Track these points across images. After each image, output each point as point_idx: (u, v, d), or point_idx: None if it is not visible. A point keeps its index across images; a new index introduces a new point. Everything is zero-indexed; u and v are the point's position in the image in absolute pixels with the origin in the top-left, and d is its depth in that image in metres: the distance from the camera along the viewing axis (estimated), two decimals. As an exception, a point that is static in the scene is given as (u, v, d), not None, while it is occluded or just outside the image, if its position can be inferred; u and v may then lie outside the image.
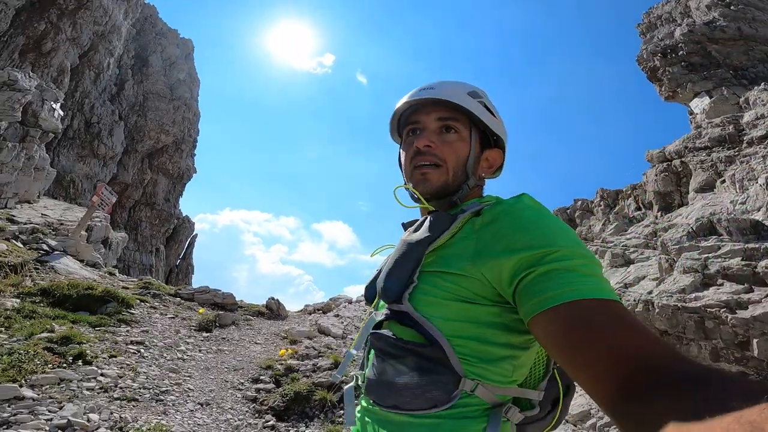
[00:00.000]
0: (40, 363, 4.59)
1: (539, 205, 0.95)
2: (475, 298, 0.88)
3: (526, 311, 0.78)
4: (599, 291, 0.73)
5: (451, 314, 0.89)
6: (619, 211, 14.89)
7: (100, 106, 33.38)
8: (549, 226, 0.85)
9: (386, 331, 0.97)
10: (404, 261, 0.97)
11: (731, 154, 10.60)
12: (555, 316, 0.72)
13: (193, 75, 44.86)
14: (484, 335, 0.88)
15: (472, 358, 0.88)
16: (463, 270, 0.89)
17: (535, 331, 0.76)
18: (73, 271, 9.08)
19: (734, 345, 5.57)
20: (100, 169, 32.55)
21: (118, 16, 32.81)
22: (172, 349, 6.31)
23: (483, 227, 0.92)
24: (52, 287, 7.31)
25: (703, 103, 16.50)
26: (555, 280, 0.75)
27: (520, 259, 0.81)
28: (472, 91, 1.13)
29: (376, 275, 1.19)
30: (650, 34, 20.96)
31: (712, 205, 9.10)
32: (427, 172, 1.08)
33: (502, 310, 0.88)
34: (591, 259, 0.81)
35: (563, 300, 0.72)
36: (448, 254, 0.93)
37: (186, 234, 42.52)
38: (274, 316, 9.67)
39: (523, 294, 0.79)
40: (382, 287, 0.98)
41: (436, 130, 1.11)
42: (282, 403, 5.22)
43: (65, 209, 15.90)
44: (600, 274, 0.79)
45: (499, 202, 0.96)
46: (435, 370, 0.88)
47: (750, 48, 16.54)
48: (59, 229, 12.24)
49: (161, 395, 4.74)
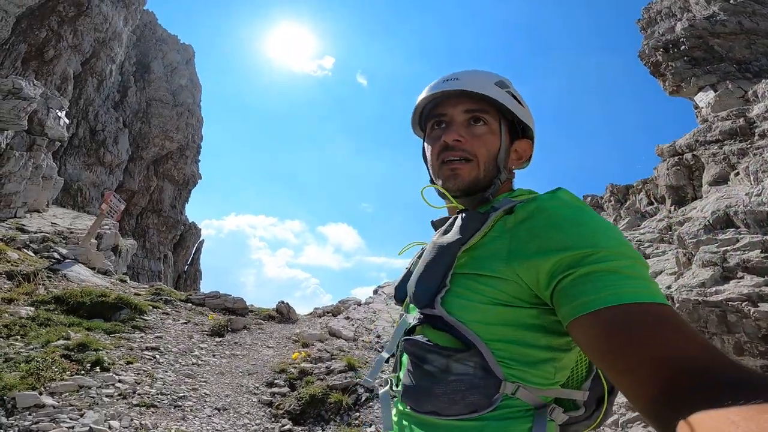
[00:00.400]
0: (58, 370, 4.64)
1: (578, 201, 0.91)
2: (511, 300, 0.85)
3: (565, 314, 0.75)
4: (645, 294, 0.70)
5: (487, 318, 0.86)
6: (631, 206, 14.81)
7: (104, 114, 33.59)
8: (589, 224, 0.82)
9: (420, 336, 0.93)
10: (436, 264, 0.94)
11: (743, 147, 10.53)
12: (596, 320, 0.70)
13: (195, 80, 45.06)
14: (524, 338, 0.86)
15: (512, 361, 0.86)
16: (497, 272, 0.86)
17: (574, 334, 0.74)
18: (86, 279, 9.15)
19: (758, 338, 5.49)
20: (106, 176, 32.75)
21: (118, 22, 33.02)
22: (186, 355, 6.35)
23: (516, 225, 0.89)
24: (66, 295, 7.37)
25: (708, 97, 16.44)
26: (596, 282, 0.72)
27: (559, 260, 0.78)
28: (499, 80, 1.09)
29: (405, 275, 1.17)
30: (651, 30, 20.91)
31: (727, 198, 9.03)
32: (457, 167, 1.04)
33: (541, 312, 0.85)
34: (637, 259, 0.77)
35: (606, 304, 0.70)
36: (481, 255, 0.91)
37: (193, 240, 42.71)
38: (284, 319, 9.71)
39: (562, 296, 0.76)
40: (413, 292, 0.96)
41: (464, 122, 1.07)
42: (297, 406, 5.23)
43: (74, 218, 16.01)
44: (647, 276, 0.76)
45: (533, 198, 0.92)
46: (474, 375, 0.85)
47: (752, 42, 16.47)
48: (69, 237, 12.33)
49: (179, 401, 4.77)
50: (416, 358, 0.92)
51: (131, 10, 35.10)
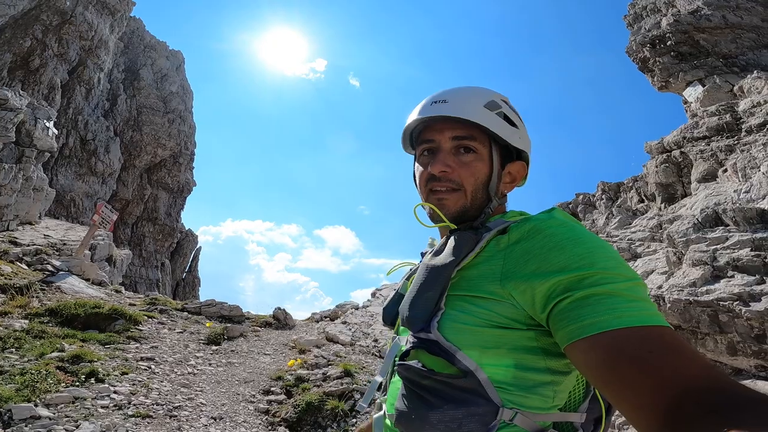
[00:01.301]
0: (53, 382, 4.64)
1: (573, 222, 0.89)
2: (507, 322, 0.83)
3: (563, 337, 0.74)
4: (645, 317, 0.69)
5: (483, 341, 0.84)
6: (622, 204, 14.87)
7: (94, 123, 33.46)
8: (585, 244, 0.80)
9: (415, 362, 0.90)
10: (429, 287, 0.91)
11: (731, 143, 10.58)
12: (595, 344, 0.69)
13: (186, 87, 44.95)
14: (521, 361, 0.83)
15: (510, 386, 0.83)
16: (491, 293, 0.84)
17: (572, 358, 0.73)
18: (80, 291, 9.11)
19: (751, 338, 5.48)
20: (99, 186, 32.61)
21: (104, 30, 32.92)
22: (182, 364, 6.34)
23: (510, 246, 0.87)
24: (60, 307, 7.35)
25: (696, 91, 16.58)
26: (595, 305, 0.71)
27: (556, 282, 0.76)
28: (489, 101, 1.03)
29: (394, 297, 1.15)
30: (637, 25, 21.04)
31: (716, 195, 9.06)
32: (443, 197, 1.02)
33: (539, 334, 0.83)
34: (635, 280, 0.75)
35: (606, 328, 0.69)
36: (473, 275, 0.89)
37: (190, 247, 42.63)
38: (281, 326, 9.71)
39: (559, 319, 0.75)
40: (407, 316, 0.93)
41: (452, 150, 1.03)
42: (294, 414, 5.24)
43: (67, 229, 15.93)
44: (646, 297, 0.74)
45: (528, 219, 0.91)
46: (470, 402, 0.82)
47: (737, 36, 16.61)
48: (62, 249, 12.28)
49: (175, 411, 4.77)
50: (411, 383, 0.90)
51: (117, 18, 35.00)
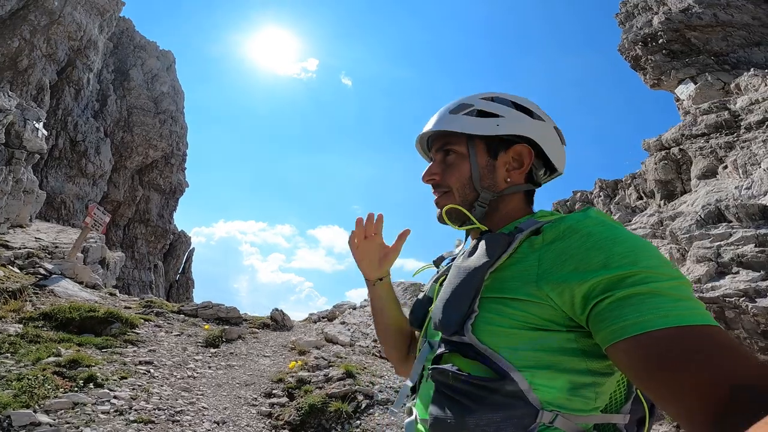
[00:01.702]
0: (51, 387, 4.56)
1: (611, 221, 0.87)
2: (545, 324, 0.82)
3: (604, 338, 0.72)
4: (692, 316, 0.67)
5: (520, 344, 0.82)
6: (620, 201, 14.93)
7: (84, 124, 33.05)
8: (626, 243, 0.77)
9: (449, 365, 0.89)
10: (462, 289, 0.90)
11: (730, 140, 10.63)
12: (639, 344, 0.67)
13: (177, 87, 44.55)
14: (561, 363, 0.81)
15: (549, 388, 0.81)
16: (527, 295, 0.83)
17: (614, 358, 0.72)
18: (73, 294, 8.97)
19: (757, 334, 5.48)
20: (90, 188, 32.23)
21: (92, 30, 32.55)
22: (181, 368, 6.26)
23: (545, 246, 0.86)
24: (54, 311, 7.22)
25: (688, 89, 16.71)
26: (638, 305, 0.70)
27: (596, 283, 0.74)
28: (457, 105, 1.09)
29: (423, 299, 1.16)
30: (629, 24, 21.16)
31: (717, 192, 9.09)
32: (437, 201, 1.11)
33: (578, 336, 0.81)
34: (681, 279, 0.74)
35: (651, 327, 0.67)
36: (507, 277, 0.88)
37: (183, 249, 42.30)
38: (279, 327, 9.63)
39: (600, 319, 0.73)
40: (440, 319, 0.91)
41: (441, 159, 1.12)
42: (297, 417, 5.18)
43: (59, 232, 15.71)
44: (691, 296, 0.72)
45: (563, 219, 0.89)
46: (509, 405, 0.80)
47: (728, 34, 16.75)
48: (54, 252, 12.10)
49: (176, 415, 4.70)
50: (446, 388, 0.88)
51: (106, 18, 34.62)
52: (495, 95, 1.10)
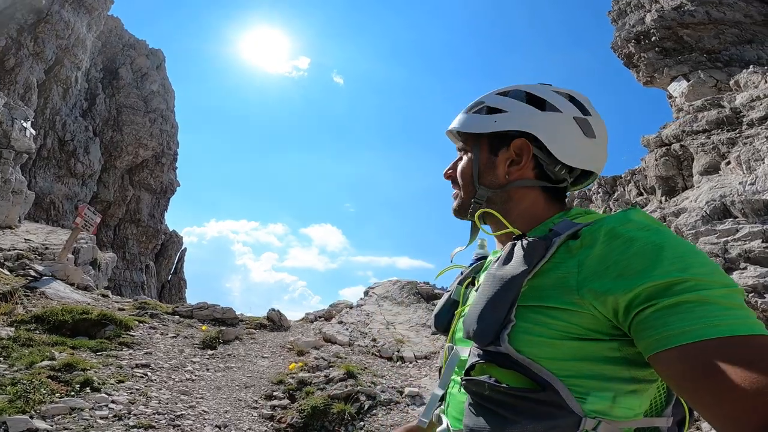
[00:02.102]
0: (47, 392, 4.46)
1: (655, 223, 0.83)
2: (587, 333, 0.79)
3: (647, 346, 0.70)
4: (746, 326, 0.65)
5: (561, 354, 0.80)
6: (620, 198, 14.99)
7: (73, 123, 32.60)
8: (673, 249, 0.74)
9: (486, 377, 0.85)
10: (499, 298, 0.86)
11: (733, 136, 10.67)
12: (685, 354, 0.65)
13: (167, 86, 44.07)
14: (604, 372, 0.79)
15: (592, 396, 0.79)
16: (567, 304, 0.79)
17: (657, 368, 0.70)
18: (65, 296, 8.79)
19: None
20: (79, 188, 31.81)
21: (80, 28, 32.13)
22: (179, 370, 6.14)
23: (583, 251, 0.81)
24: (46, 313, 7.06)
25: (681, 86, 16.81)
26: (686, 314, 0.67)
27: (641, 290, 0.71)
28: (470, 105, 1.12)
29: (448, 302, 1.14)
30: (621, 21, 21.25)
31: (720, 187, 9.11)
32: (453, 197, 1.15)
33: (622, 344, 0.78)
34: (733, 287, 0.70)
35: (699, 337, 0.64)
36: (544, 284, 0.84)
37: (175, 249, 41.93)
38: (276, 327, 9.51)
39: (642, 328, 0.70)
40: (474, 329, 0.87)
41: (460, 156, 1.16)
42: (300, 419, 5.10)
43: (48, 233, 15.43)
44: (744, 305, 0.69)
45: (602, 221, 0.84)
46: (551, 415, 0.78)
47: (720, 31, 16.86)
48: (45, 253, 11.87)
49: (177, 420, 4.60)
50: (482, 399, 0.85)
51: (95, 16, 34.18)
52: (513, 88, 1.08)
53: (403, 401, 5.81)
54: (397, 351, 8.05)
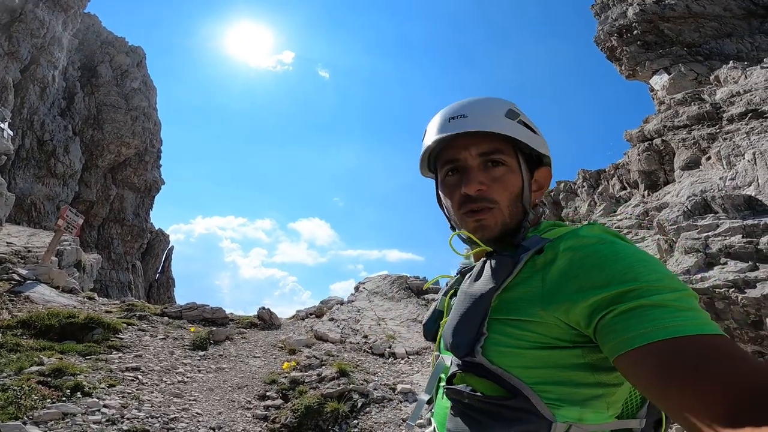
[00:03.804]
0: (38, 398, 4.41)
1: (613, 236, 0.88)
2: (553, 342, 0.83)
3: (611, 350, 0.73)
4: (696, 326, 0.68)
5: (530, 362, 0.84)
6: (604, 192, 15.21)
7: (51, 122, 31.94)
8: (626, 260, 0.78)
9: (463, 386, 0.90)
10: (471, 314, 0.91)
11: (713, 132, 10.89)
12: (644, 355, 0.68)
13: (149, 83, 43.39)
14: (571, 378, 0.83)
15: (561, 402, 0.83)
16: (534, 315, 0.84)
17: (622, 370, 0.72)
18: (50, 300, 8.65)
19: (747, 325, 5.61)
20: (60, 188, 31.20)
21: (56, 27, 31.51)
22: (170, 372, 6.09)
23: (547, 266, 0.86)
24: (32, 318, 6.95)
25: (662, 80, 17.06)
26: (640, 317, 0.70)
27: (600, 299, 0.75)
28: (509, 110, 1.01)
29: (434, 313, 1.18)
30: (604, 15, 21.45)
31: (701, 182, 9.32)
32: (482, 218, 0.98)
33: (585, 351, 0.83)
34: (684, 291, 0.74)
35: (654, 338, 0.67)
36: (513, 298, 0.88)
37: (162, 247, 41.50)
38: (267, 326, 9.48)
39: (605, 333, 0.74)
40: (451, 343, 0.93)
41: (480, 166, 1.00)
42: (294, 419, 5.10)
43: (30, 235, 15.13)
44: (696, 307, 0.73)
45: (563, 237, 0.88)
46: (522, 420, 0.82)
47: (700, 25, 17.12)
48: (27, 256, 11.65)
49: (170, 423, 4.57)
50: (462, 406, 0.91)
51: (70, 14, 33.50)
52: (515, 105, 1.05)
53: (395, 398, 5.85)
54: (388, 347, 8.09)
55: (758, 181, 7.61)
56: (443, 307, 1.13)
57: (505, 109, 1.01)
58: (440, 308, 1.15)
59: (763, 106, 9.69)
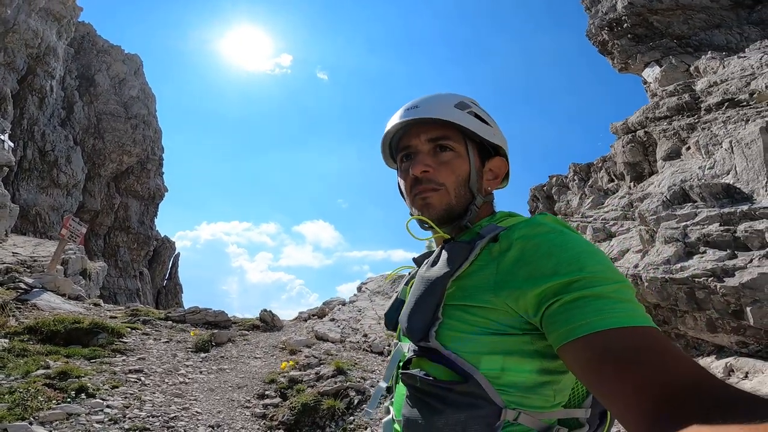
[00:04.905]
0: (44, 399, 4.58)
1: (562, 226, 0.92)
2: (503, 329, 0.86)
3: (554, 340, 0.76)
4: (631, 318, 0.71)
5: (481, 348, 0.87)
6: (593, 184, 15.24)
7: (52, 132, 32.19)
8: (573, 249, 0.82)
9: (417, 370, 0.93)
10: (426, 298, 0.94)
11: (692, 122, 10.93)
12: (584, 346, 0.71)
13: (147, 91, 43.59)
14: (519, 365, 0.86)
15: (510, 388, 0.86)
16: (486, 302, 0.87)
17: (564, 359, 0.76)
18: (57, 306, 8.87)
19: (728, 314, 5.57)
20: (64, 199, 31.48)
21: (50, 36, 31.72)
22: (172, 374, 6.29)
23: (501, 254, 0.89)
24: (39, 324, 7.15)
25: (654, 72, 17.10)
26: (584, 308, 0.73)
27: (546, 288, 0.79)
28: (459, 102, 1.07)
29: (395, 303, 1.19)
30: (595, 9, 21.49)
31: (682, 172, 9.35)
32: (427, 197, 1.04)
33: (534, 338, 0.85)
34: (622, 283, 0.78)
35: (593, 329, 0.71)
36: (468, 285, 0.91)
37: (168, 254, 41.80)
38: (269, 327, 9.67)
39: (550, 323, 0.77)
40: (406, 327, 0.96)
41: (430, 151, 1.06)
42: (291, 416, 5.26)
43: (36, 245, 15.38)
44: (633, 299, 0.76)
45: (516, 227, 0.92)
46: (473, 405, 0.85)
47: (689, 17, 17.12)
48: (33, 266, 11.88)
49: (171, 422, 4.75)
50: (416, 390, 0.93)
51: (64, 24, 33.68)
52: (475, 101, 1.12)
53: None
54: (387, 345, 8.24)
55: (735, 170, 7.69)
56: (404, 296, 1.15)
57: (456, 101, 1.07)
58: (402, 297, 1.17)
59: (740, 95, 9.76)
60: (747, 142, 7.43)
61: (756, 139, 7.23)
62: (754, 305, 5.90)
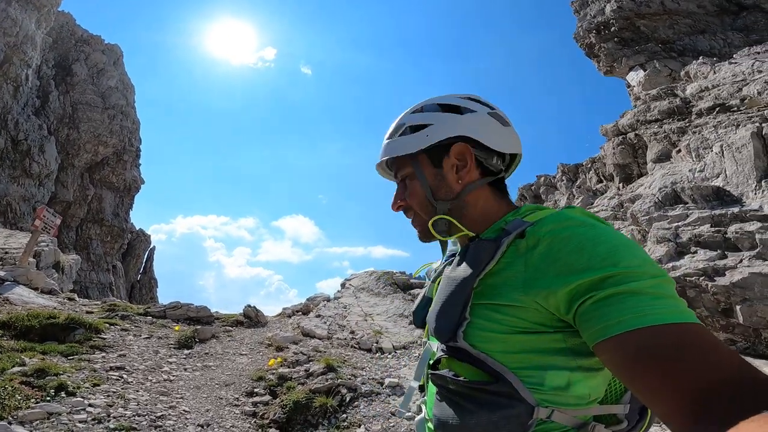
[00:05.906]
0: (22, 398, 4.34)
1: (593, 219, 0.89)
2: (534, 327, 0.84)
3: (589, 338, 0.74)
4: (672, 314, 0.68)
5: (512, 347, 0.85)
6: (582, 185, 15.46)
7: (25, 122, 31.16)
8: (607, 243, 0.78)
9: (446, 371, 0.92)
10: (452, 300, 0.92)
11: (683, 125, 11.17)
12: (621, 344, 0.69)
13: (126, 82, 42.59)
14: (552, 362, 0.84)
15: (543, 386, 0.84)
16: (516, 300, 0.84)
17: (600, 357, 0.73)
18: (30, 301, 8.49)
19: (718, 312, 5.73)
20: (36, 189, 30.47)
21: (29, 25, 30.83)
22: (156, 371, 6.04)
23: (529, 251, 0.86)
24: (12, 319, 6.82)
25: (638, 76, 17.42)
26: (618, 305, 0.71)
27: (577, 285, 0.76)
28: (392, 131, 1.13)
29: (423, 300, 1.18)
30: (583, 12, 21.78)
31: (672, 174, 9.55)
32: (414, 225, 1.14)
33: (566, 336, 0.83)
34: (662, 277, 0.74)
35: (630, 327, 0.68)
36: (496, 283, 0.88)
37: (143, 247, 40.89)
38: (253, 323, 9.44)
39: (584, 320, 0.75)
40: (434, 327, 0.95)
41: (401, 185, 1.14)
42: (283, 414, 5.11)
43: (7, 236, 14.78)
44: (673, 294, 0.73)
45: (544, 221, 0.89)
46: (505, 405, 0.83)
47: (675, 22, 17.50)
48: (4, 258, 11.39)
49: (158, 421, 4.54)
50: (446, 391, 0.92)
51: (44, 12, 32.76)
52: (424, 104, 1.12)
53: (383, 392, 5.89)
54: (375, 342, 8.12)
55: (726, 173, 7.85)
56: (431, 293, 1.14)
57: (390, 130, 1.13)
58: (429, 295, 1.16)
59: (731, 101, 10.00)
60: (738, 146, 7.59)
61: (747, 143, 7.38)
62: (743, 304, 6.05)
